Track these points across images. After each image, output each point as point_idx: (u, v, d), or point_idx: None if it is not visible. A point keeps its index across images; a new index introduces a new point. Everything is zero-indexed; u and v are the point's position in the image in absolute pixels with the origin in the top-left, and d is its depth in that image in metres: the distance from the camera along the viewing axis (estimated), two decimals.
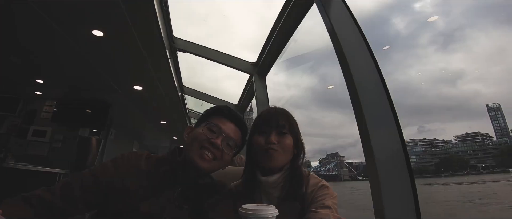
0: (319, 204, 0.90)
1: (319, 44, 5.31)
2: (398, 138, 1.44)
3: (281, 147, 1.00)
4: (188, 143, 1.04)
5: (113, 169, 0.98)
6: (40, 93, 5.51)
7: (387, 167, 1.36)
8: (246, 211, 0.74)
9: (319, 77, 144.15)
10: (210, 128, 1.03)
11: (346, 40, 1.59)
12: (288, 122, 1.05)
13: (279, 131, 1.02)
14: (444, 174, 23.12)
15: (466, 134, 22.32)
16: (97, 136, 5.79)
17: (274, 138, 1.00)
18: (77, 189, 0.92)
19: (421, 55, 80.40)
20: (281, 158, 1.00)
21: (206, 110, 1.15)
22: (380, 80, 1.54)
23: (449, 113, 53.14)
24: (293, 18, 2.46)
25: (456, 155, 22.33)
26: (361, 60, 1.56)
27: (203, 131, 1.03)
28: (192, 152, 1.00)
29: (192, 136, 1.05)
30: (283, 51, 2.90)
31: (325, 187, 0.97)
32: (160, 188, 0.97)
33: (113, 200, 0.93)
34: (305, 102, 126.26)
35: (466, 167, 21.34)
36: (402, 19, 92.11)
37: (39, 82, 4.92)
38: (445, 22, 60.68)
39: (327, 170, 32.70)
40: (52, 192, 0.91)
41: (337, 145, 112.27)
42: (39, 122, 5.55)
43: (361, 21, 1.71)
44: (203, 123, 1.06)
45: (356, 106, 1.47)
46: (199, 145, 1.00)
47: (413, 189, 1.36)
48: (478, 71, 59.50)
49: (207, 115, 1.10)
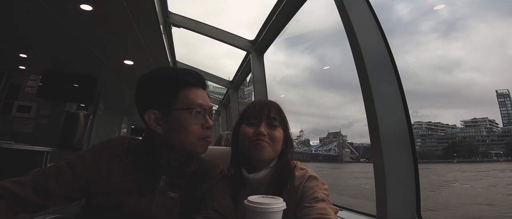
0: (312, 198, 0.86)
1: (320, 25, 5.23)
2: (404, 117, 1.42)
3: (271, 139, 0.96)
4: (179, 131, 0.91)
5: (92, 161, 0.88)
6: (24, 68, 5.27)
7: (391, 147, 1.35)
8: (253, 204, 0.69)
9: (318, 58, 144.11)
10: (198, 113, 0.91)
11: (355, 13, 1.51)
12: (279, 114, 1.01)
13: (269, 123, 0.98)
14: (456, 159, 22.88)
15: (473, 119, 22.02)
16: (85, 111, 5.61)
17: (264, 129, 0.95)
18: (53, 183, 0.83)
19: (421, 42, 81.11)
20: (270, 151, 0.96)
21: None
22: (389, 58, 1.49)
23: (443, 100, 54.73)
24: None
25: (465, 140, 22.13)
26: (370, 36, 1.50)
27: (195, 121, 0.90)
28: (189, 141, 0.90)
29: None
30: (284, 30, 2.81)
31: (313, 178, 0.93)
32: (144, 179, 0.89)
33: (95, 195, 0.86)
34: (303, 82, 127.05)
35: (477, 153, 21.30)
36: (406, 6, 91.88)
37: (23, 57, 4.72)
38: (449, 11, 61.27)
39: (328, 149, 31.27)
40: (22, 184, 0.82)
41: (331, 125, 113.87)
42: (24, 97, 5.28)
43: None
44: (187, 111, 0.90)
45: (364, 83, 1.42)
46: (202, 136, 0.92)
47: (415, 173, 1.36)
48: (477, 61, 60.91)
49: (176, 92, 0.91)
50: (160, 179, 0.90)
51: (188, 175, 0.96)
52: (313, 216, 0.81)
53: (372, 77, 1.40)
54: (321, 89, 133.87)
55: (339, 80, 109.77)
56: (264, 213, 0.68)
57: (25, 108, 5.17)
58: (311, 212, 0.82)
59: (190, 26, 3.63)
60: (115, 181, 0.86)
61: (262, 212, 0.68)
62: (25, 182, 0.82)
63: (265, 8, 2.80)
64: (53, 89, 5.12)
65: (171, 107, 0.88)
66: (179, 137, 0.89)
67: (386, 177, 1.29)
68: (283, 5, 2.44)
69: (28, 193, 0.81)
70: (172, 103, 0.89)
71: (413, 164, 1.36)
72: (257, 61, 3.23)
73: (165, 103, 0.89)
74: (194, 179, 0.96)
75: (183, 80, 0.91)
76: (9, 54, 4.67)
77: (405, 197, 1.31)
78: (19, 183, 0.82)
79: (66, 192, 0.85)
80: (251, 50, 3.25)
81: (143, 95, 0.93)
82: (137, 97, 0.94)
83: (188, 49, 4.93)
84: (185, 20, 3.66)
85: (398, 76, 1.47)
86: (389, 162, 1.32)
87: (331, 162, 29.95)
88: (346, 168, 27.85)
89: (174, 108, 0.88)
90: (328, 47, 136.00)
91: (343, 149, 30.15)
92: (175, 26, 3.71)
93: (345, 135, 30.98)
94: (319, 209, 0.82)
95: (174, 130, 0.89)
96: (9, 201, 0.79)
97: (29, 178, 0.83)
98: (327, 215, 0.80)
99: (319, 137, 35.98)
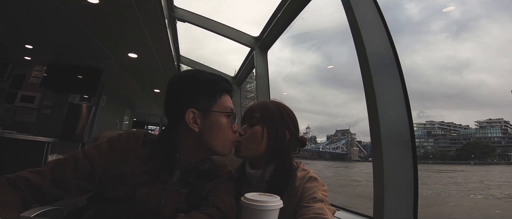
0: (310, 198, 0.88)
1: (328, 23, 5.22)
2: (406, 119, 1.41)
3: (246, 137, 1.02)
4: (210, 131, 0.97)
5: (110, 153, 0.90)
6: (29, 59, 5.31)
7: (392, 148, 1.34)
8: (249, 202, 0.69)
9: (324, 55, 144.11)
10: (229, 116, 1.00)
11: (361, 12, 1.50)
12: (262, 112, 1.04)
13: (250, 122, 1.04)
14: (473, 161, 22.19)
15: (488, 120, 21.49)
16: (88, 103, 5.62)
17: (242, 130, 1.04)
18: (70, 173, 0.84)
19: (431, 42, 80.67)
20: (245, 150, 1.02)
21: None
22: (394, 58, 1.47)
23: (451, 101, 54.41)
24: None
25: (481, 141, 21.54)
26: (376, 35, 1.48)
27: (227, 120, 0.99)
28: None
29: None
30: (289, 27, 2.79)
31: (313, 179, 0.95)
32: (158, 172, 0.91)
33: (109, 186, 0.87)
34: (308, 79, 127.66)
35: (493, 155, 20.67)
36: (416, 5, 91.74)
37: (29, 48, 4.78)
38: (460, 11, 60.54)
39: (335, 147, 30.14)
40: (42, 174, 0.81)
41: (336, 123, 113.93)
42: (28, 87, 5.32)
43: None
44: (224, 114, 0.98)
45: (367, 83, 1.41)
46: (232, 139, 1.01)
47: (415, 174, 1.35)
48: (487, 61, 60.17)
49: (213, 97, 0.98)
50: (175, 173, 0.92)
51: (199, 173, 0.97)
52: (310, 216, 0.82)
53: (375, 77, 1.39)
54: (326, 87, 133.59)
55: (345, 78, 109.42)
56: (260, 211, 0.68)
57: (29, 98, 5.21)
58: (309, 211, 0.84)
59: (195, 21, 3.61)
60: (129, 173, 0.87)
61: (258, 209, 0.68)
62: (44, 172, 0.82)
63: (271, 4, 2.78)
64: (57, 80, 5.16)
65: (211, 109, 0.95)
66: (213, 137, 0.95)
67: (385, 177, 1.28)
68: (289, 2, 2.42)
69: (47, 183, 0.81)
70: (212, 106, 0.95)
71: (412, 165, 1.36)
72: (261, 58, 3.21)
73: (206, 104, 0.95)
74: (202, 178, 0.97)
75: (223, 86, 0.98)
76: (15, 45, 4.72)
77: (403, 198, 1.31)
78: (39, 174, 0.81)
79: (82, 183, 0.86)
80: (255, 46, 3.24)
81: (185, 94, 0.96)
82: (174, 95, 0.97)
83: (193, 44, 4.92)
84: (190, 14, 3.64)
85: (402, 77, 1.45)
86: (389, 162, 1.31)
87: (339, 160, 29.29)
88: (357, 167, 27.34)
89: (213, 110, 0.95)
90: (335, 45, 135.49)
91: (352, 147, 29.48)
92: (180, 21, 3.70)
93: (354, 133, 30.45)
94: (317, 209, 0.84)
95: (211, 130, 0.94)
96: (26, 192, 0.78)
97: (48, 168, 0.83)
98: (324, 215, 0.82)
99: (326, 134, 35.20)
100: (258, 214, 0.68)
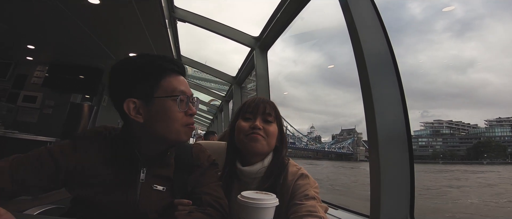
0: (302, 195, 0.90)
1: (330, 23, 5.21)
2: (403, 119, 1.42)
3: (265, 133, 1.01)
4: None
5: (72, 152, 0.84)
6: (31, 59, 5.33)
7: (388, 148, 1.35)
8: (246, 199, 0.70)
9: (327, 55, 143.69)
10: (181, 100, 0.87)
11: (358, 13, 1.51)
12: (274, 111, 1.06)
13: (264, 118, 1.03)
14: (486, 161, 21.68)
15: (498, 118, 21.04)
16: (89, 102, 5.64)
17: (259, 123, 1.01)
18: (32, 173, 0.79)
19: (435, 41, 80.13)
20: (264, 144, 1.00)
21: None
22: (391, 59, 1.48)
23: (455, 100, 54.05)
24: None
25: (492, 140, 21.10)
26: (373, 36, 1.49)
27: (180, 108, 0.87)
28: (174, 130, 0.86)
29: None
30: (288, 28, 2.80)
31: (305, 176, 0.97)
32: (124, 172, 0.85)
33: (75, 186, 0.83)
34: (310, 79, 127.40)
35: (505, 154, 20.18)
36: (419, 4, 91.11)
37: (31, 48, 4.81)
38: (464, 11, 60.02)
39: (341, 147, 29.47)
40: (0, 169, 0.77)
41: (339, 123, 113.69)
42: (30, 87, 5.36)
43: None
44: (170, 98, 0.86)
45: (364, 83, 1.43)
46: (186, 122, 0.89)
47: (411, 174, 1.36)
48: (492, 61, 59.72)
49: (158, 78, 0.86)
50: (140, 171, 0.86)
51: (174, 165, 0.92)
52: (302, 213, 0.84)
53: (372, 77, 1.40)
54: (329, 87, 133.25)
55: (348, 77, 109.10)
56: (257, 209, 0.69)
57: (31, 98, 5.25)
58: (301, 209, 0.85)
59: (195, 21, 3.63)
60: (94, 173, 0.82)
61: (255, 207, 0.69)
62: (2, 168, 0.77)
63: (271, 4, 2.78)
64: (58, 80, 5.19)
65: (153, 95, 0.84)
66: (163, 126, 0.84)
67: (381, 176, 1.30)
68: (288, 2, 2.43)
69: (5, 181, 0.75)
70: (153, 91, 0.84)
71: (409, 165, 1.37)
72: (261, 58, 3.22)
73: (146, 91, 0.84)
74: (181, 170, 0.92)
75: (164, 67, 0.87)
76: (17, 45, 4.74)
77: (400, 197, 1.32)
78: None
79: (44, 183, 0.81)
80: (255, 46, 3.25)
81: (121, 83, 0.86)
82: (112, 86, 0.88)
83: (195, 44, 4.92)
84: (190, 15, 3.65)
85: (399, 77, 1.47)
86: (386, 162, 1.33)
87: (344, 160, 28.83)
88: (366, 168, 26.91)
89: (156, 96, 0.84)
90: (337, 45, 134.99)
91: (358, 147, 29.15)
92: (181, 21, 3.71)
93: (360, 132, 30.05)
94: (309, 206, 0.85)
95: (157, 119, 0.84)
96: None
97: (6, 164, 0.78)
98: (316, 212, 0.83)
99: (331, 134, 34.49)
100: (256, 212, 0.70)
